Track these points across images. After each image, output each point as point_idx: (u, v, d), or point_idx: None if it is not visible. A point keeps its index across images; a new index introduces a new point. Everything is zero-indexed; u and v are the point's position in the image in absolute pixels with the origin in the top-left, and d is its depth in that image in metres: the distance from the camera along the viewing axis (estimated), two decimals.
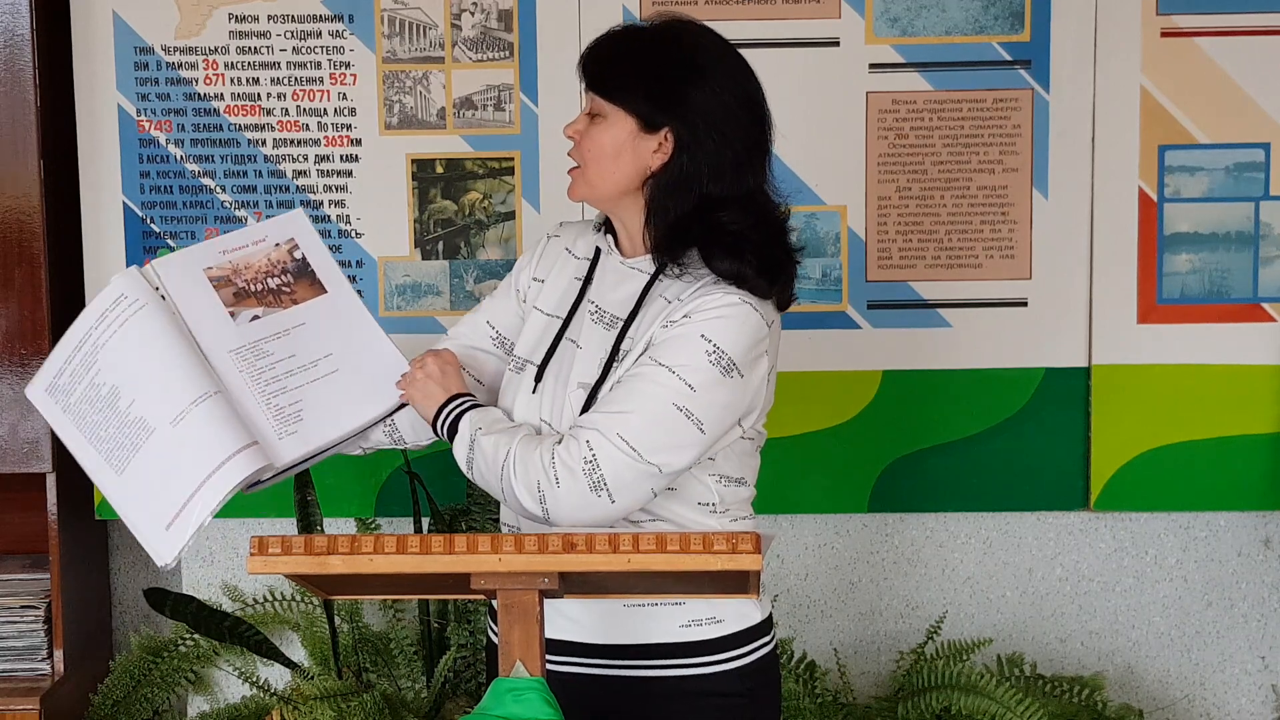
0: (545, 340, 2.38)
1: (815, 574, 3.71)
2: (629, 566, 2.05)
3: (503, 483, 2.23)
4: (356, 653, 3.51)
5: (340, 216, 3.51)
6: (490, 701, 2.10)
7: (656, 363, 2.22)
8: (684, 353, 2.22)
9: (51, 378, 2.33)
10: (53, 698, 3.37)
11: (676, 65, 2.29)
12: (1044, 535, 3.70)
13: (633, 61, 2.32)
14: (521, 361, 2.40)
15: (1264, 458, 3.52)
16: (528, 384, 2.36)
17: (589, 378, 2.30)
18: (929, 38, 3.47)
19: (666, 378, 2.21)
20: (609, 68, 2.32)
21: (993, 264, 3.51)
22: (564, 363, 2.34)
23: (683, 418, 2.21)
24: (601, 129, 2.31)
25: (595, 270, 2.39)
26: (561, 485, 2.19)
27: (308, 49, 3.48)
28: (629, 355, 2.28)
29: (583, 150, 2.34)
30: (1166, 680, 3.72)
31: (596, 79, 2.33)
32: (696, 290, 2.26)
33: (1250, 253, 3.50)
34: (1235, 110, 3.46)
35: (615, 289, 2.35)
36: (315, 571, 2.10)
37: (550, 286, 2.44)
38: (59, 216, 3.44)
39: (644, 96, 2.29)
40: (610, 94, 2.31)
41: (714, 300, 2.24)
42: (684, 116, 2.28)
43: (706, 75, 2.29)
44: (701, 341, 2.22)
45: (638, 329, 2.29)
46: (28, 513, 3.52)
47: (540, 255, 2.48)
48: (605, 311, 2.34)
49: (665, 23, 2.35)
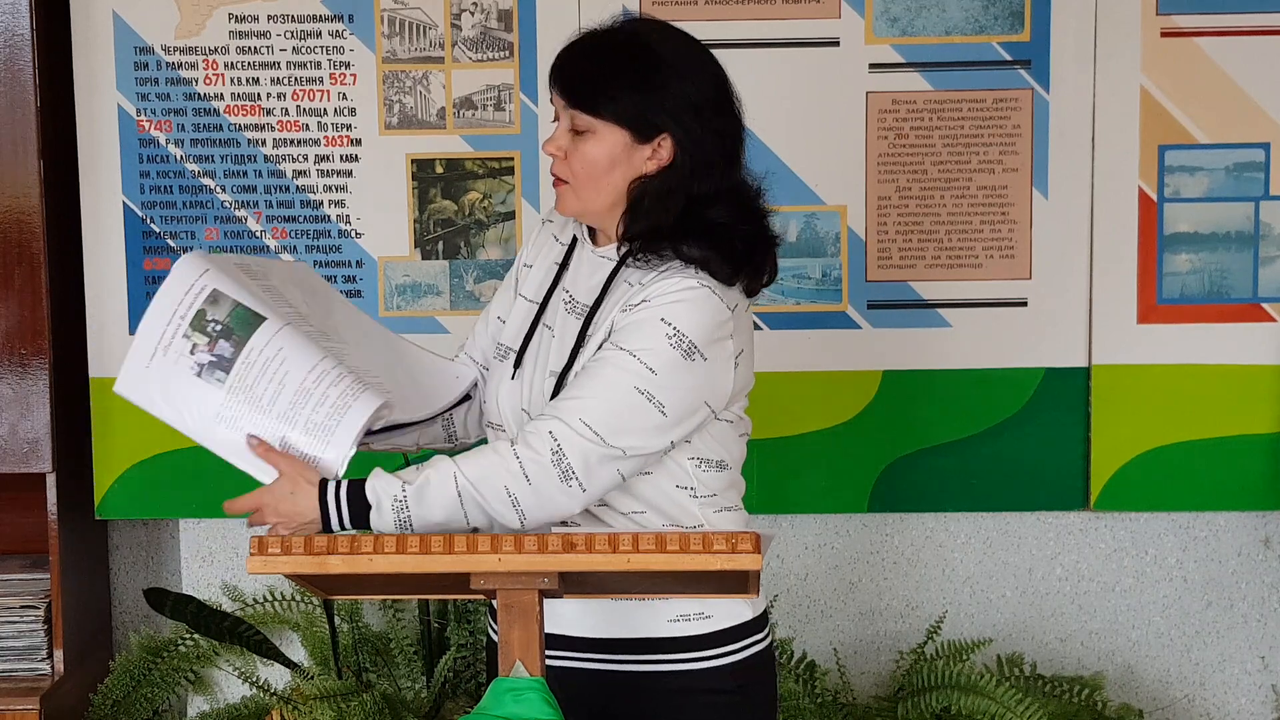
0: (524, 327, 2.40)
1: (815, 574, 3.71)
2: (628, 566, 2.05)
3: (466, 509, 2.18)
4: (356, 653, 3.51)
5: (340, 216, 3.51)
6: (490, 701, 2.10)
7: (618, 347, 2.22)
8: (644, 337, 2.21)
9: (148, 359, 2.28)
10: (53, 698, 3.36)
11: (657, 69, 2.27)
12: (1044, 535, 3.70)
13: (614, 73, 2.28)
14: (505, 349, 2.41)
15: (1264, 458, 3.52)
16: (508, 371, 2.38)
17: (558, 365, 2.31)
18: (929, 38, 3.47)
19: (627, 361, 2.20)
20: (593, 84, 2.28)
21: (993, 264, 3.51)
22: (540, 350, 2.35)
23: (644, 400, 2.20)
24: (592, 144, 2.29)
25: (570, 259, 2.40)
26: (533, 481, 2.18)
27: (308, 49, 3.48)
28: (592, 341, 2.28)
29: (573, 167, 2.31)
30: (1166, 680, 3.72)
31: (580, 96, 2.28)
32: (657, 275, 2.26)
33: (1250, 253, 3.50)
34: (1235, 110, 3.46)
35: (588, 278, 2.36)
36: (315, 571, 2.10)
37: (534, 273, 2.45)
38: (59, 216, 3.44)
39: (634, 108, 2.27)
40: (598, 110, 2.28)
41: (673, 284, 2.24)
42: (677, 119, 2.27)
43: (684, 74, 2.28)
44: (661, 325, 2.22)
45: (601, 315, 2.30)
46: (28, 513, 3.52)
47: (533, 242, 2.49)
48: (576, 300, 2.35)
49: (628, 25, 2.34)
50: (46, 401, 3.36)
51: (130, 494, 3.53)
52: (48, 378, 3.37)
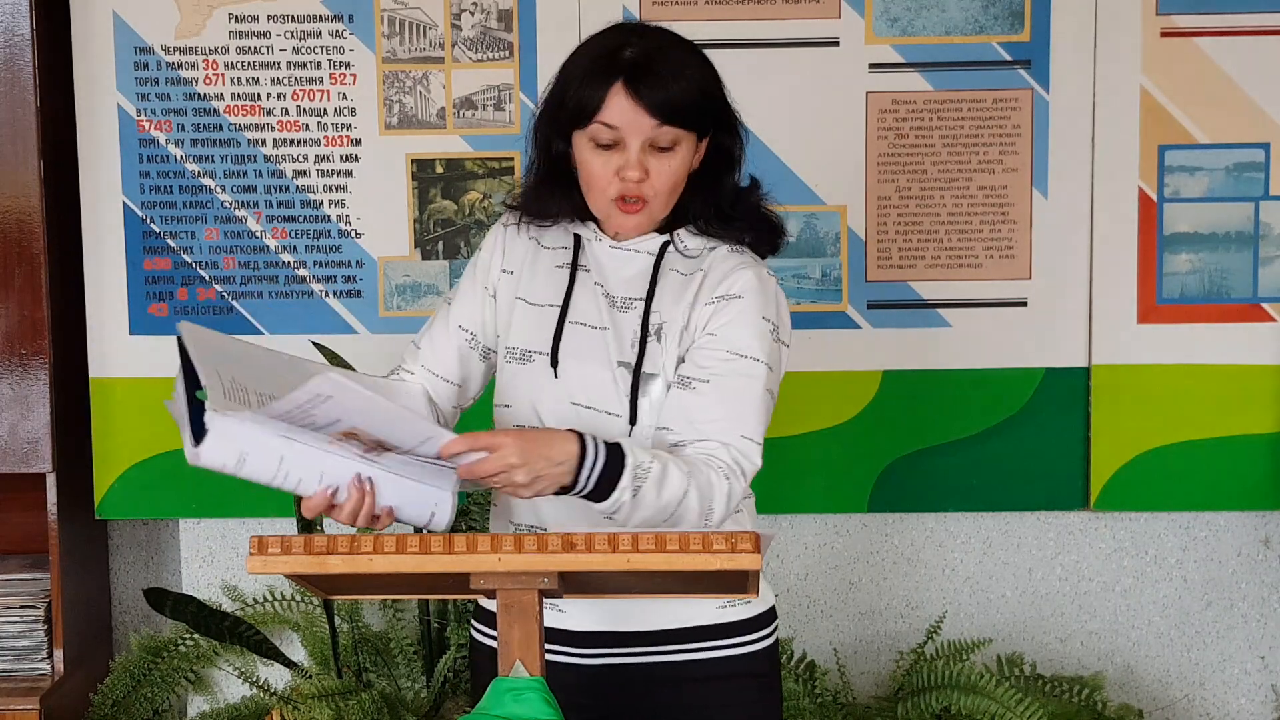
0: (546, 328, 2.37)
1: (815, 574, 3.71)
2: (628, 566, 2.05)
3: (674, 513, 2.20)
4: (356, 652, 3.51)
5: (340, 216, 3.51)
6: (490, 701, 2.10)
7: (738, 354, 2.28)
8: (757, 337, 2.30)
9: None
10: (53, 698, 3.37)
11: (709, 68, 2.31)
12: (1044, 535, 3.70)
13: (689, 83, 2.27)
14: (524, 351, 2.38)
15: (1264, 458, 3.52)
16: (544, 371, 2.35)
17: (626, 356, 2.32)
18: (929, 38, 3.47)
19: (753, 368, 2.29)
20: (681, 98, 2.25)
21: (993, 264, 3.51)
22: (579, 346, 2.34)
23: (770, 398, 2.32)
24: (678, 158, 2.29)
25: (581, 257, 2.39)
26: (731, 499, 2.25)
27: (308, 49, 3.48)
28: (665, 332, 2.31)
29: (656, 185, 2.29)
30: (1166, 680, 3.72)
31: (670, 111, 2.25)
32: (730, 267, 2.33)
33: (1250, 253, 3.50)
34: (1235, 110, 3.46)
35: (618, 271, 2.36)
36: (314, 571, 2.09)
37: (530, 277, 2.42)
38: (59, 216, 3.44)
39: (709, 115, 2.30)
40: (684, 123, 2.27)
41: (753, 276, 2.32)
42: (726, 115, 2.34)
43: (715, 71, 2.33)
44: (764, 323, 2.31)
45: (662, 305, 2.33)
46: (28, 513, 3.52)
47: (504, 249, 2.45)
48: (616, 295, 2.35)
49: (662, 32, 2.33)
50: (46, 401, 3.36)
51: (130, 494, 3.53)
52: (48, 378, 3.37)
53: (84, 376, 3.50)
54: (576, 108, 2.27)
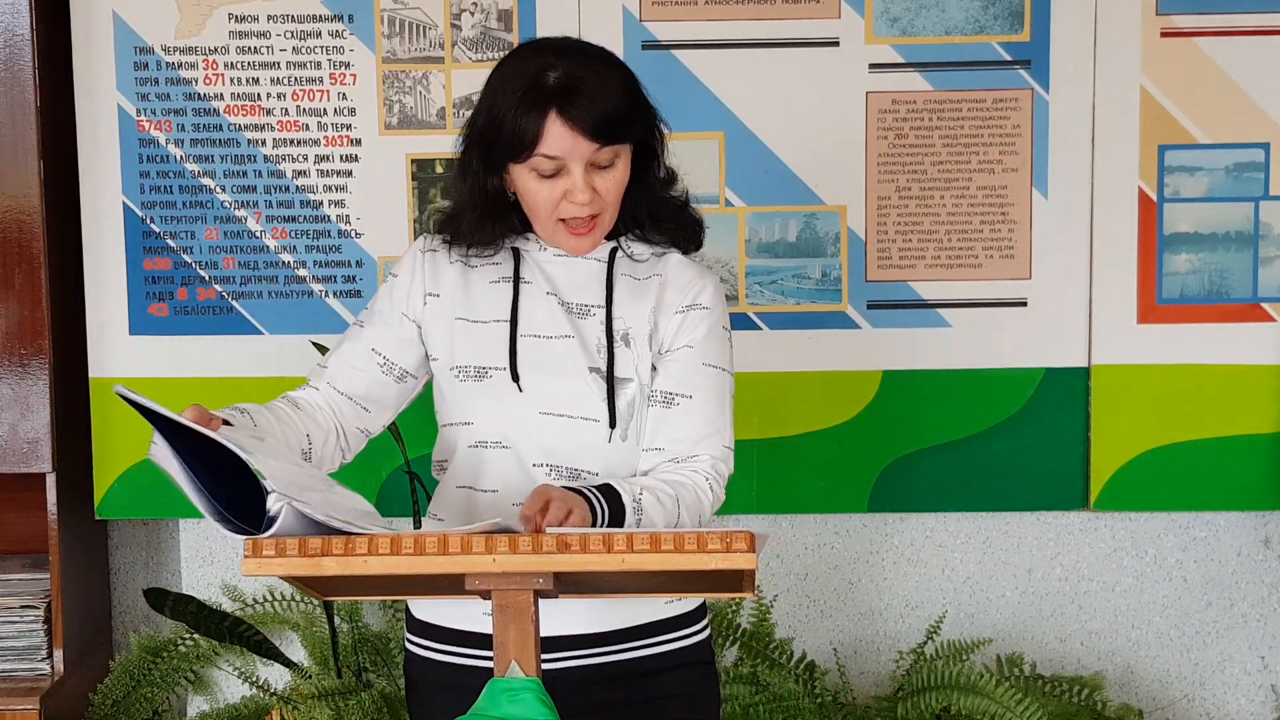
0: (497, 343, 2.37)
1: (815, 574, 3.71)
2: (623, 566, 2.05)
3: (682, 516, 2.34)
4: (356, 652, 3.52)
5: (340, 216, 3.51)
6: (485, 702, 2.10)
7: (710, 365, 2.38)
8: (720, 348, 2.41)
9: None
10: (53, 698, 3.37)
11: (628, 72, 2.33)
12: (1044, 535, 3.70)
13: (630, 100, 2.30)
14: (478, 369, 2.38)
15: (1264, 458, 3.52)
16: (504, 385, 2.36)
17: (596, 363, 2.35)
18: (929, 38, 3.47)
19: (722, 378, 2.41)
20: (620, 118, 2.28)
21: (992, 264, 3.51)
22: (540, 357, 2.35)
23: (732, 401, 2.44)
24: (619, 171, 2.32)
25: (521, 269, 2.40)
26: (715, 502, 2.39)
27: (308, 49, 3.48)
28: (632, 337, 2.36)
29: (605, 200, 2.32)
30: (1166, 680, 3.72)
31: (609, 131, 2.27)
32: (690, 276, 2.40)
33: (1250, 253, 3.50)
34: (1235, 110, 3.46)
35: (569, 279, 2.39)
36: (309, 573, 2.09)
37: (464, 297, 2.40)
38: (59, 216, 3.44)
39: (639, 121, 2.32)
40: (622, 137, 2.29)
41: (710, 285, 2.41)
42: (653, 121, 2.37)
43: (629, 69, 2.36)
44: (724, 332, 2.42)
45: (623, 311, 2.37)
46: (28, 513, 3.52)
47: (425, 274, 2.43)
48: (572, 303, 2.38)
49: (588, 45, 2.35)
50: (46, 401, 3.37)
51: (130, 494, 3.53)
52: (48, 378, 3.37)
53: (84, 376, 3.51)
54: (513, 141, 2.27)
